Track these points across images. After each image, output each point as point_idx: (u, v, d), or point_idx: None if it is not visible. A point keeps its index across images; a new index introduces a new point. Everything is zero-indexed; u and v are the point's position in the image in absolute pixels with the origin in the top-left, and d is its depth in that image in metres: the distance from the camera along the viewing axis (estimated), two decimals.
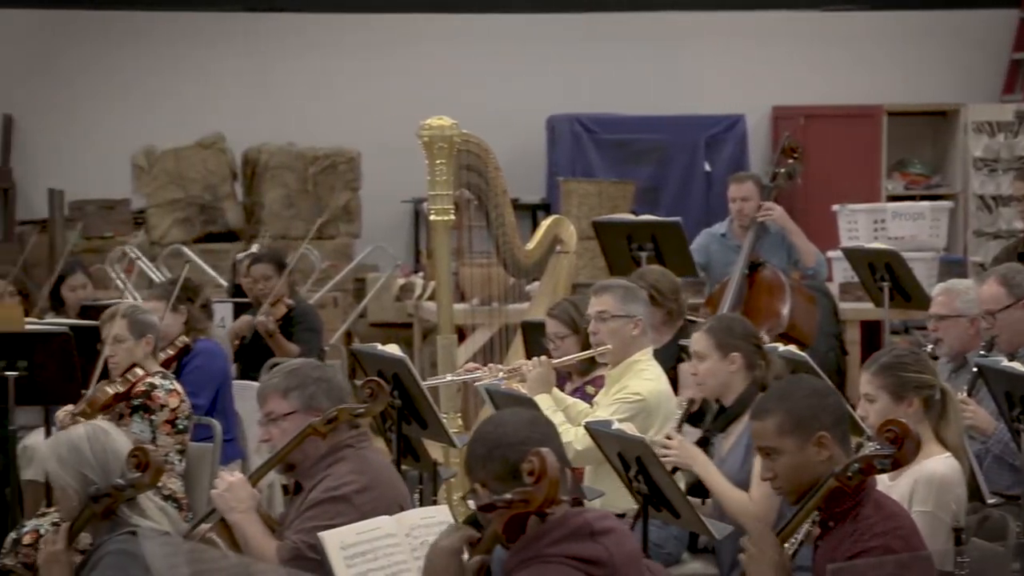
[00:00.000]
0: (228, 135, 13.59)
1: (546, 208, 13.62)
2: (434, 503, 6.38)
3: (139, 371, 6.59)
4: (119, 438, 4.59)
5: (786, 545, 4.11)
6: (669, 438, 5.72)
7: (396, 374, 6.11)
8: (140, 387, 6.53)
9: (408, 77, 13.82)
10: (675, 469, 5.66)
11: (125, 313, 6.71)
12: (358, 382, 5.48)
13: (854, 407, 5.39)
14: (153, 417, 6.50)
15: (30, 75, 13.79)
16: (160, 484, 5.61)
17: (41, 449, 7.11)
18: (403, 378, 6.11)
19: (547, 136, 14.08)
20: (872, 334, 10.47)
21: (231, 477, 4.95)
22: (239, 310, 9.67)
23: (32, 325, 7.71)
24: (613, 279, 7.01)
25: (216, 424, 7.01)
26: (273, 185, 13.52)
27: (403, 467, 6.05)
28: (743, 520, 5.37)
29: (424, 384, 6.25)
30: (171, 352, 7.39)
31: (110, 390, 6.51)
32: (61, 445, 4.55)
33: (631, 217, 10.13)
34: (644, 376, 6.35)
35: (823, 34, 14.38)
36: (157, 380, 6.60)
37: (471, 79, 13.74)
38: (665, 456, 5.55)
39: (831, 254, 10.44)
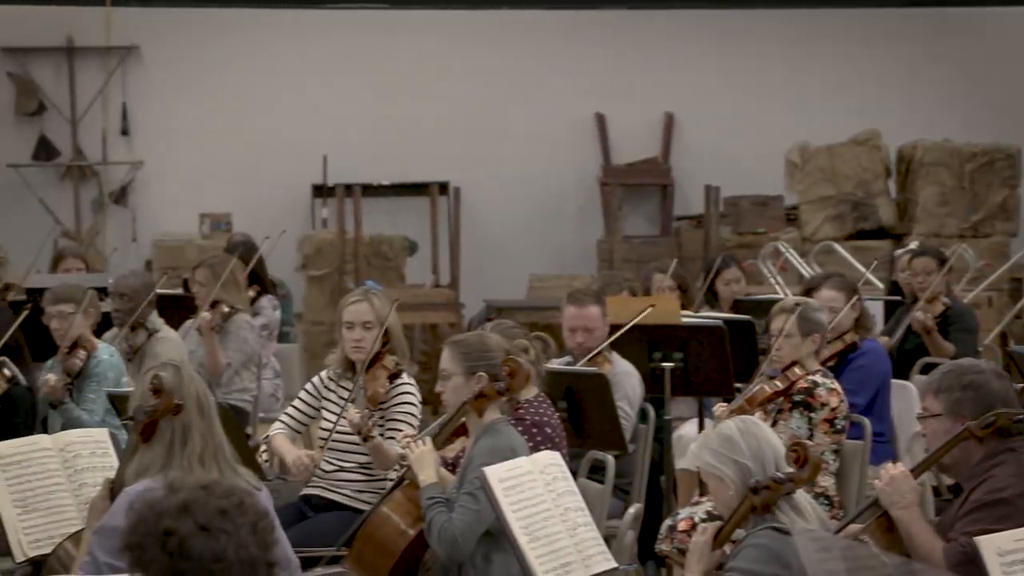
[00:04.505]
0: (884, 132, 13.48)
1: None
2: None
3: (798, 370, 6.61)
4: (769, 431, 4.62)
5: None
6: None
7: None
8: (802, 384, 6.56)
9: None
10: None
11: (796, 309, 6.72)
12: (1018, 385, 5.29)
13: None
14: (812, 415, 6.50)
15: (690, 73, 14.18)
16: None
17: (694, 440, 7.29)
18: None
19: None
20: None
21: (894, 470, 4.86)
22: (890, 308, 9.58)
23: (688, 318, 7.92)
24: None
25: (867, 423, 6.95)
26: (928, 182, 13.30)
27: None
28: None
29: None
30: (839, 347, 7.39)
31: (768, 388, 6.57)
32: (712, 439, 4.61)
33: None
34: None
35: None
36: (819, 378, 6.59)
37: None
38: None
39: None
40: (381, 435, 6.10)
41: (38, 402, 6.76)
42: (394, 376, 6.30)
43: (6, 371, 6.45)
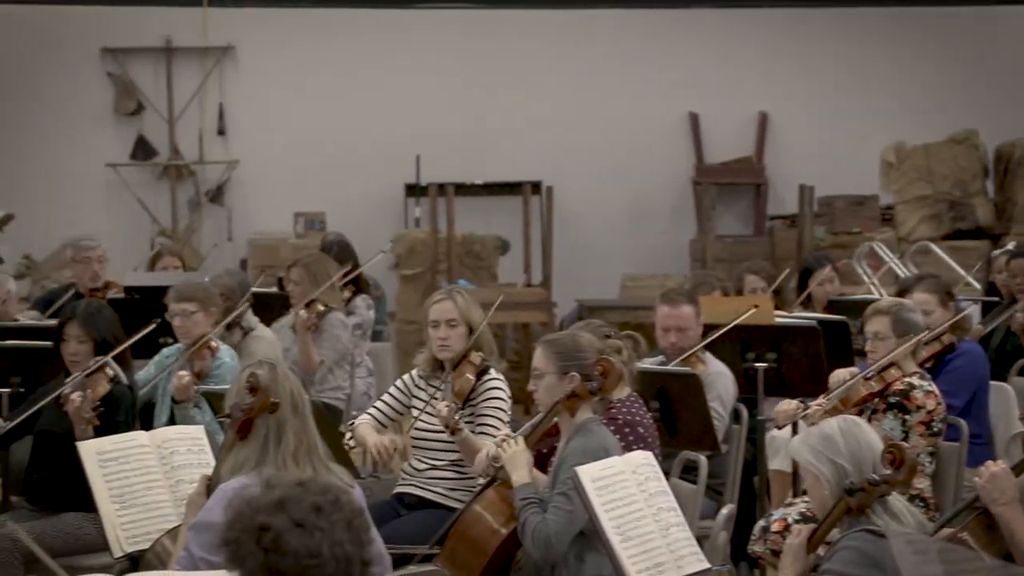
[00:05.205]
0: (981, 131, 13.33)
1: None
2: None
3: (894, 371, 6.53)
4: (871, 432, 4.58)
5: None
6: None
7: None
8: (898, 385, 6.49)
9: None
10: None
11: (889, 310, 6.65)
12: None
13: None
14: (907, 417, 6.43)
15: (785, 72, 14.09)
16: None
17: (787, 441, 7.24)
18: None
19: None
20: None
21: (995, 467, 4.85)
22: (987, 309, 9.47)
23: (781, 319, 7.87)
24: None
25: (963, 424, 6.88)
26: None
27: None
28: None
29: None
30: (936, 348, 7.32)
31: (863, 389, 6.50)
32: (813, 436, 4.57)
33: None
34: None
35: None
36: (915, 380, 6.52)
37: None
38: None
39: None
40: (472, 431, 6.12)
41: (137, 399, 6.84)
42: (482, 372, 6.32)
43: (108, 371, 6.53)
